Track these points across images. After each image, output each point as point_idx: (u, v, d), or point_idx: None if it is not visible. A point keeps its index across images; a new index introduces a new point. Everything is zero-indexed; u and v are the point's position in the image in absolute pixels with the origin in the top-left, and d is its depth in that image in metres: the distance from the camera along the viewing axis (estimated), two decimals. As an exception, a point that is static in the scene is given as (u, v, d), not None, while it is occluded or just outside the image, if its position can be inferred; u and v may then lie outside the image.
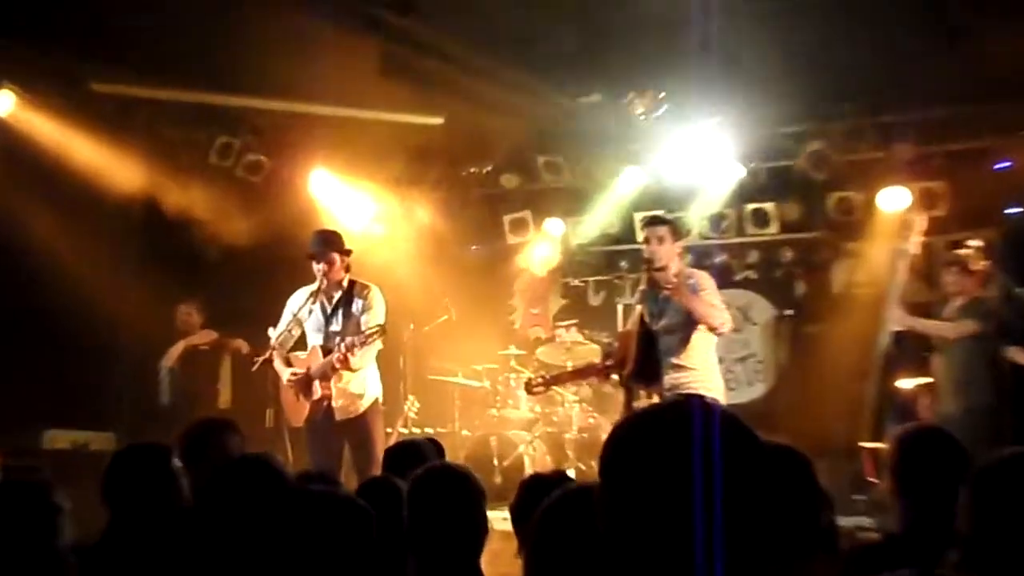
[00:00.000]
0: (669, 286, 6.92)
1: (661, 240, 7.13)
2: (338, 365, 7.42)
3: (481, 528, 3.38)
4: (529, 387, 8.11)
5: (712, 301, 6.96)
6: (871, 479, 7.32)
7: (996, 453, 2.79)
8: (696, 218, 10.60)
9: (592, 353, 10.21)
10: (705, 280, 7.14)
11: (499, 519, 3.97)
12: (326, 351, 7.57)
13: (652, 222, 7.52)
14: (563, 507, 2.55)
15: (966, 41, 7.99)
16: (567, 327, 10.45)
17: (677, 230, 7.40)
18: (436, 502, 3.35)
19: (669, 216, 9.98)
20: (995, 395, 7.83)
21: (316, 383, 7.57)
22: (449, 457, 6.64)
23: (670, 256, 7.12)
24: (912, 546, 3.28)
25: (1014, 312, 7.64)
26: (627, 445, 1.73)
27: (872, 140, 9.72)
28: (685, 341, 6.98)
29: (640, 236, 7.96)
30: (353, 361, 7.41)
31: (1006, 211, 9.60)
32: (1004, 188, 9.30)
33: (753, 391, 10.66)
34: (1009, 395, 8.10)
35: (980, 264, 7.73)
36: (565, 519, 2.51)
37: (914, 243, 7.59)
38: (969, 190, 9.35)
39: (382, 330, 7.38)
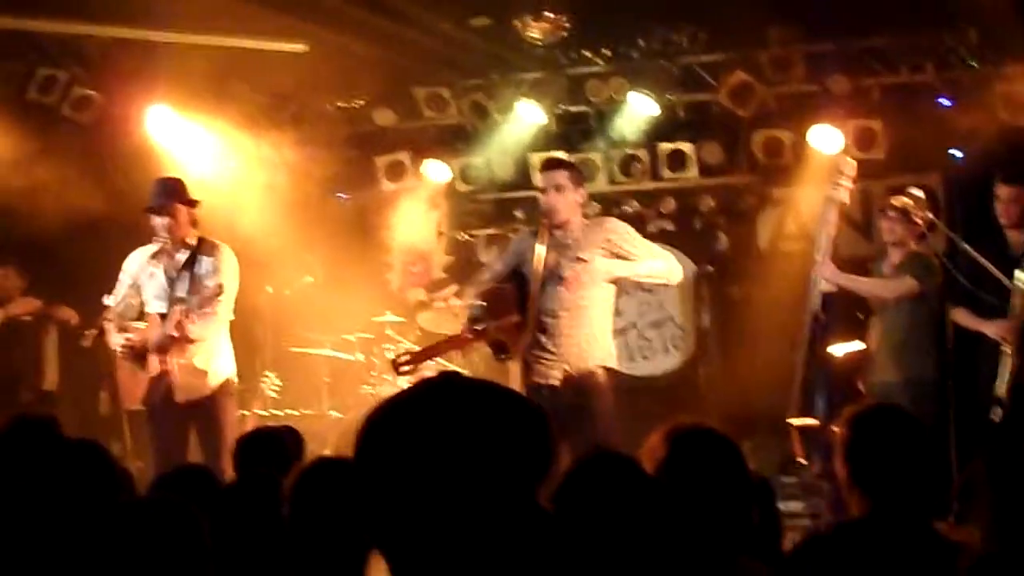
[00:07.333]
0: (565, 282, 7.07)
1: (560, 188, 7.21)
2: (175, 333, 7.42)
3: None
4: (396, 367, 7.65)
5: (641, 252, 7.15)
6: (800, 460, 7.52)
7: None
8: (603, 160, 10.70)
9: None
10: (620, 229, 7.28)
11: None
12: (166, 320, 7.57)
13: (549, 166, 7.61)
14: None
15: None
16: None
17: (579, 175, 7.50)
18: (327, 500, 3.42)
19: (570, 159, 10.19)
20: (937, 363, 8.13)
21: (153, 357, 7.56)
22: (317, 442, 6.72)
23: (571, 207, 7.23)
24: (878, 533, 3.46)
25: (959, 269, 7.79)
26: (380, 432, 1.77)
27: (803, 71, 9.91)
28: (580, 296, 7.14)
29: (537, 181, 8.03)
30: (191, 329, 7.42)
31: (950, 153, 9.88)
32: (948, 128, 9.44)
33: (670, 360, 10.82)
34: (953, 363, 8.41)
35: (921, 214, 7.93)
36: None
37: (845, 189, 7.75)
38: (910, 130, 9.58)
39: (219, 289, 7.39)
